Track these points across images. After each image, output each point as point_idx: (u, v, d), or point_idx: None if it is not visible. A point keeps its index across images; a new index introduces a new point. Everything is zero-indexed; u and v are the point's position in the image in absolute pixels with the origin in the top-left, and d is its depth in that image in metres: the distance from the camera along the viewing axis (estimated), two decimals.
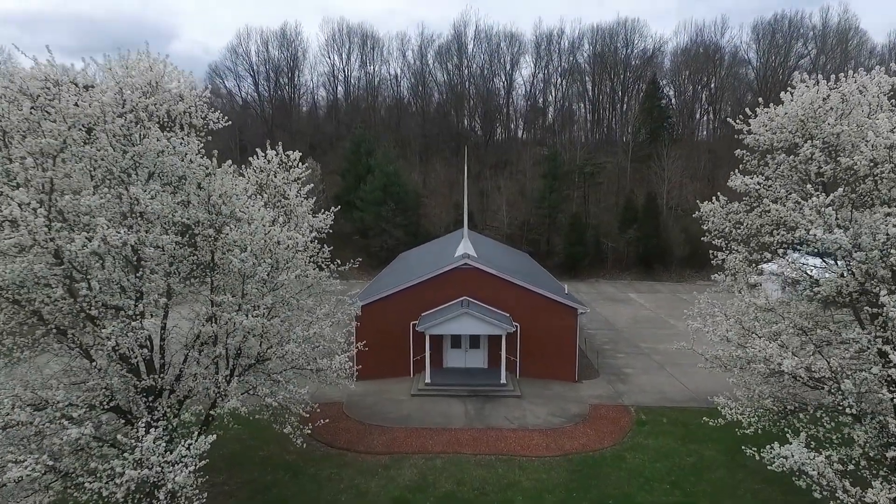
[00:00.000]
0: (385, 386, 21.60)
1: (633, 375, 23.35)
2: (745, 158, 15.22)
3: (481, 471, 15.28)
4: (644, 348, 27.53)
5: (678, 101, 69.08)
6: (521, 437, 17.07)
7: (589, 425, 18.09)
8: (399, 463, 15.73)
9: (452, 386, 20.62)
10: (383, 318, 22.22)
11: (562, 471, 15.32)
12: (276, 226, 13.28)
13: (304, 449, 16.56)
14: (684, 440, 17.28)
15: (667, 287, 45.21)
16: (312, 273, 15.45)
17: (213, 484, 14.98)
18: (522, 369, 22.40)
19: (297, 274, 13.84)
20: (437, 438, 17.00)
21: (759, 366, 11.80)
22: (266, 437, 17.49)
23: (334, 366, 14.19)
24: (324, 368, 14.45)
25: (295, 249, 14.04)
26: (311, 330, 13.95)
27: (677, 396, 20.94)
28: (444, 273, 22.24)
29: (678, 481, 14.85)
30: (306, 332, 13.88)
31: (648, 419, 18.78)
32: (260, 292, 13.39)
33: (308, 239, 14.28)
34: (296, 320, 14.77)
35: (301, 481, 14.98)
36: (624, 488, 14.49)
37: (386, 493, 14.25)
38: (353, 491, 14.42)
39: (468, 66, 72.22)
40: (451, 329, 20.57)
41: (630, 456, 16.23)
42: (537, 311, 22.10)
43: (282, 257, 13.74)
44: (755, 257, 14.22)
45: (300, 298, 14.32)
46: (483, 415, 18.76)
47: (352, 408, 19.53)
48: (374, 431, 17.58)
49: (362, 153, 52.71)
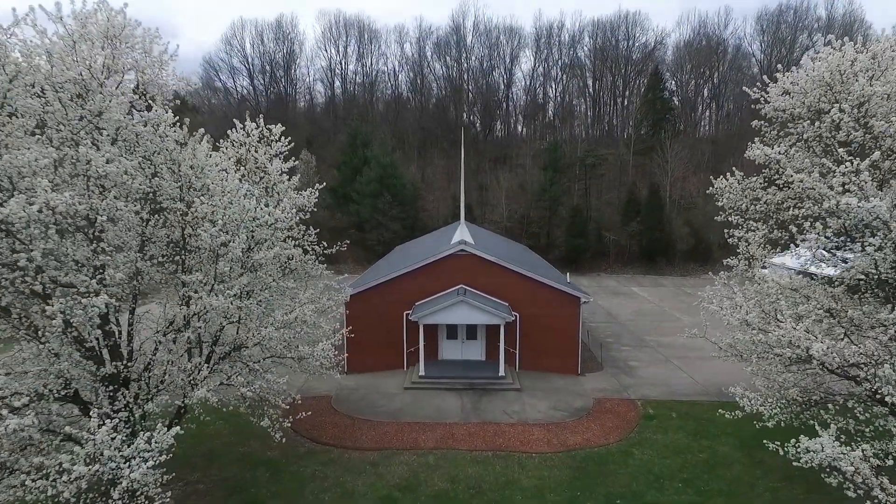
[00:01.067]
0: (377, 379, 20.43)
1: (638, 368, 22.20)
2: (763, 129, 14.09)
3: (477, 468, 14.13)
4: (649, 341, 26.38)
5: (681, 93, 67.86)
6: (521, 432, 15.91)
7: (593, 420, 16.93)
8: (388, 459, 14.57)
9: (448, 379, 19.46)
10: (375, 308, 21.06)
11: (564, 468, 14.16)
12: (253, 199, 12.12)
13: (286, 445, 15.43)
14: (695, 435, 16.12)
15: (670, 281, 44.05)
16: (297, 254, 14.31)
17: (185, 482, 13.86)
18: (522, 362, 21.23)
19: (276, 253, 12.68)
20: (430, 433, 15.84)
21: (785, 350, 10.62)
22: (247, 432, 16.36)
23: (317, 353, 13.05)
24: (306, 357, 13.31)
25: (274, 227, 12.89)
26: (292, 314, 12.79)
27: (686, 390, 19.79)
28: (440, 260, 21.07)
29: (691, 479, 13.70)
30: (286, 317, 12.72)
31: (656, 413, 17.63)
32: (234, 272, 12.25)
33: (289, 215, 13.11)
34: (276, 305, 13.65)
35: (282, 479, 13.82)
36: (632, 486, 13.33)
37: (373, 492, 13.09)
38: (338, 490, 13.26)
39: (467, 60, 71.01)
40: (446, 318, 19.40)
41: (638, 452, 15.07)
42: (538, 300, 20.93)
43: (259, 235, 12.60)
44: (775, 235, 13.06)
45: (280, 280, 13.15)
46: (480, 409, 17.59)
47: (340, 402, 18.37)
48: (363, 426, 16.41)
49: (358, 145, 51.54)
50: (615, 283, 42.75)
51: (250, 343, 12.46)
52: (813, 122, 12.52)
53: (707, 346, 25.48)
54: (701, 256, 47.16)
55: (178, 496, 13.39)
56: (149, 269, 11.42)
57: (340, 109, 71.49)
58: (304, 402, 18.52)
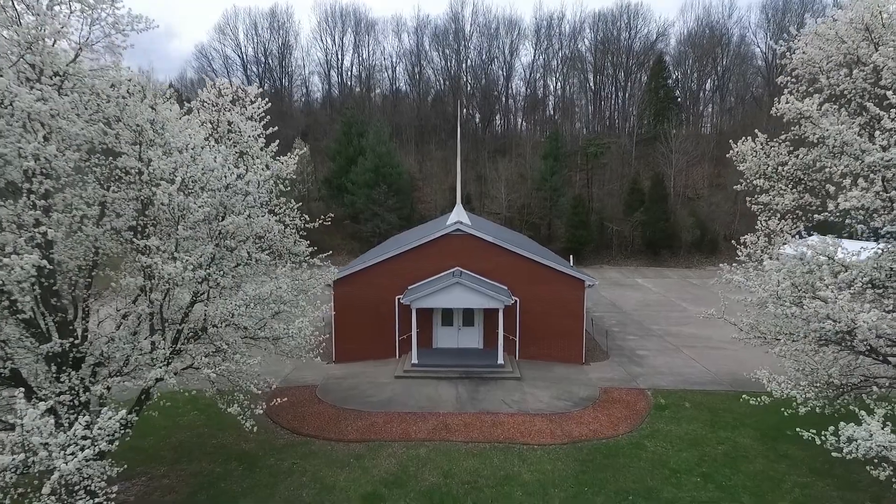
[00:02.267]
0: (367, 368, 19.05)
1: (647, 357, 20.82)
2: (790, 85, 12.71)
3: (473, 461, 12.75)
4: (656, 330, 25.01)
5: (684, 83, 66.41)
6: (522, 423, 14.53)
7: (600, 410, 15.55)
8: (375, 452, 13.20)
9: (442, 367, 18.07)
10: (365, 293, 19.68)
11: (570, 461, 12.79)
12: (219, 156, 10.74)
13: (264, 437, 14.11)
14: (712, 426, 14.75)
15: (675, 273, 42.67)
16: (275, 227, 12.95)
17: (150, 476, 12.50)
18: (522, 350, 19.85)
19: (248, 219, 11.29)
20: (421, 424, 14.46)
21: (825, 324, 9.24)
22: (223, 423, 15.00)
23: (292, 332, 11.67)
24: (281, 336, 11.94)
25: (245, 192, 11.51)
26: (265, 287, 11.41)
27: (699, 379, 18.41)
28: (434, 241, 19.69)
29: (710, 473, 12.31)
30: (258, 290, 11.35)
31: (668, 403, 16.26)
32: (198, 240, 10.88)
33: (261, 178, 11.73)
34: (249, 279, 12.29)
35: (257, 474, 12.44)
36: (646, 481, 11.95)
37: (356, 488, 11.71)
38: (317, 485, 11.88)
39: (465, 50, 69.58)
40: (440, 302, 18.00)
41: (650, 444, 13.70)
42: (539, 283, 19.55)
43: (229, 202, 11.23)
44: (805, 201, 11.67)
45: (252, 250, 11.76)
46: (477, 398, 16.21)
47: (326, 391, 16.98)
48: (349, 417, 15.03)
49: (353, 134, 50.13)
50: (618, 275, 41.36)
51: (218, 320, 11.07)
52: (850, 72, 11.14)
53: (718, 335, 24.24)
54: (706, 248, 45.83)
55: (140, 492, 12.03)
56: (105, 240, 10.06)
57: (337, 101, 70.10)
58: (288, 391, 17.18)
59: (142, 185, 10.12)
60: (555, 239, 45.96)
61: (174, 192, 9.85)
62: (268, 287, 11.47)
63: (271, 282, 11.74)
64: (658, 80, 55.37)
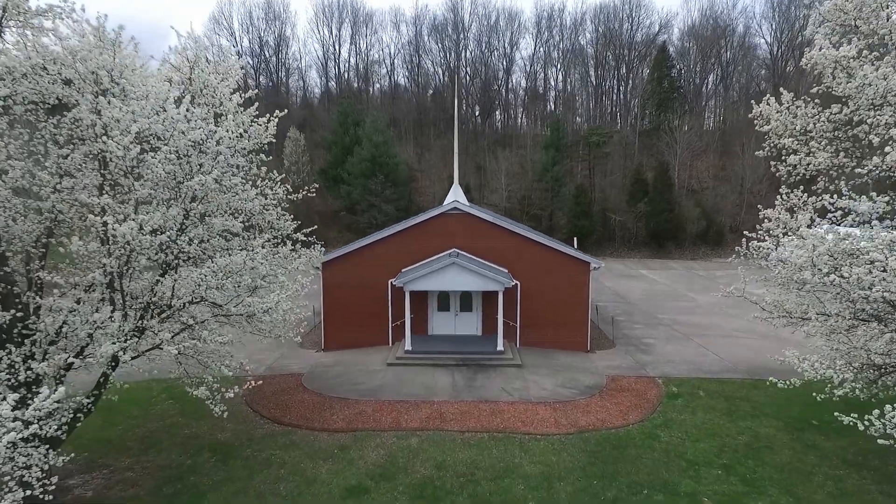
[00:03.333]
0: (358, 356, 17.85)
1: (655, 345, 19.63)
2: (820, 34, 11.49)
3: (469, 452, 11.55)
4: (664, 319, 23.82)
5: (687, 76, 65.16)
6: (523, 412, 13.33)
7: (608, 398, 14.36)
8: (362, 442, 12.01)
9: (438, 354, 16.86)
10: (356, 277, 18.49)
11: (576, 451, 11.59)
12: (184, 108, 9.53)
13: (242, 427, 12.95)
14: (730, 415, 13.55)
15: (680, 264, 41.46)
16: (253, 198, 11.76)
17: (112, 469, 11.30)
18: (523, 337, 18.65)
19: (217, 178, 10.07)
20: (414, 413, 13.27)
21: (872, 293, 8.05)
22: (199, 412, 13.80)
23: (267, 306, 10.47)
24: (256, 313, 10.73)
25: (215, 152, 10.29)
26: (237, 256, 10.20)
27: (713, 367, 17.22)
28: (430, 220, 18.50)
29: (732, 465, 11.11)
30: (230, 259, 10.14)
31: (681, 391, 15.07)
32: (162, 202, 9.69)
33: (235, 135, 10.53)
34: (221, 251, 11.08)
35: (231, 466, 11.24)
36: (662, 474, 10.75)
37: (339, 481, 10.52)
38: (297, 478, 10.68)
39: (464, 41, 68.35)
40: (436, 284, 16.79)
41: (664, 434, 12.50)
42: (542, 266, 18.35)
43: (196, 160, 10.02)
44: (841, 161, 10.46)
45: (222, 213, 10.55)
46: (474, 386, 15.01)
47: (312, 379, 15.79)
48: (335, 405, 13.84)
49: (350, 124, 48.91)
50: (622, 267, 40.15)
51: (183, 292, 9.87)
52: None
53: (729, 324, 23.05)
54: (712, 240, 44.64)
55: (99, 485, 10.83)
56: (58, 203, 8.89)
57: (335, 95, 68.86)
58: (272, 379, 16.02)
59: (96, 137, 8.94)
60: (556, 230, 44.74)
61: (130, 145, 8.69)
62: (240, 257, 10.26)
63: (242, 252, 10.52)
64: (661, 69, 54.10)
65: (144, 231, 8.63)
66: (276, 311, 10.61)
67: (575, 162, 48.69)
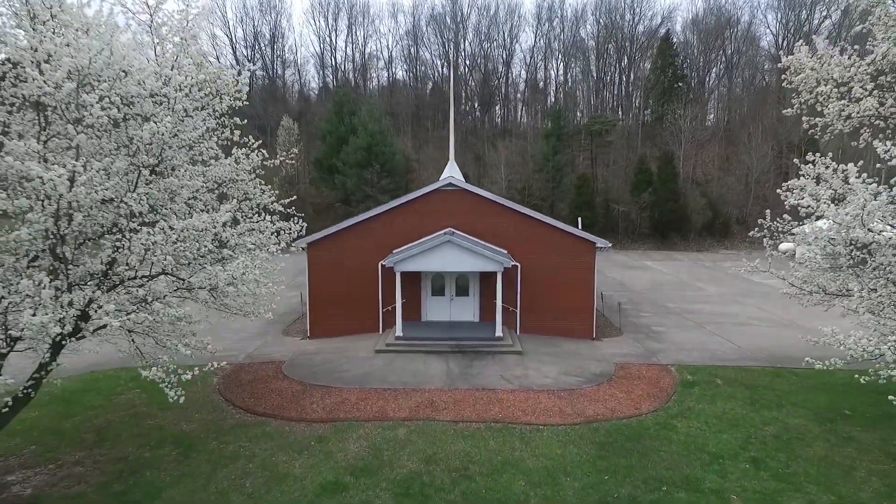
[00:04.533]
0: (345, 343, 16.54)
1: (665, 333, 18.32)
2: None
3: (463, 444, 10.24)
4: (673, 308, 22.50)
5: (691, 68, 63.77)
6: (524, 400, 12.02)
7: (617, 386, 13.05)
8: (343, 433, 10.69)
9: (431, 340, 15.55)
10: (344, 259, 17.18)
11: (584, 443, 10.28)
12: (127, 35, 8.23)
13: (210, 417, 11.67)
14: (752, 405, 12.24)
15: (686, 256, 40.12)
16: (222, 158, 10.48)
17: (59, 463, 9.98)
18: (524, 323, 17.33)
19: (173, 130, 8.76)
20: (402, 401, 11.95)
21: None
22: (168, 402, 12.47)
23: (232, 275, 9.15)
24: (219, 284, 9.40)
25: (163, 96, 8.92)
26: (196, 219, 8.86)
27: (729, 355, 15.91)
28: (423, 197, 17.19)
29: (762, 459, 9.79)
30: (186, 222, 8.81)
31: (697, 379, 13.75)
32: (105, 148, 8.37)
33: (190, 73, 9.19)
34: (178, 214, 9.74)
35: (193, 460, 9.93)
36: (682, 468, 9.44)
37: (314, 477, 9.20)
38: (266, 473, 9.37)
39: (463, 31, 67.01)
40: (429, 264, 15.46)
41: (681, 425, 11.18)
42: (544, 247, 17.05)
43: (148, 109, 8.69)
44: (888, 110, 9.15)
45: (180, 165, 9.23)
46: (470, 373, 13.70)
47: (294, 367, 14.47)
48: (316, 394, 12.52)
49: (345, 113, 47.57)
50: (625, 258, 38.81)
51: (134, 259, 8.54)
52: None
53: (744, 312, 21.72)
54: (718, 232, 43.32)
55: (42, 482, 9.51)
56: None
57: (331, 88, 67.42)
58: (250, 367, 14.71)
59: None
60: (558, 220, 43.36)
61: (61, 80, 7.38)
62: (201, 220, 8.92)
63: (207, 214, 9.19)
64: (665, 58, 52.71)
65: (78, 182, 7.32)
66: (243, 282, 9.28)
67: (576, 152, 47.34)
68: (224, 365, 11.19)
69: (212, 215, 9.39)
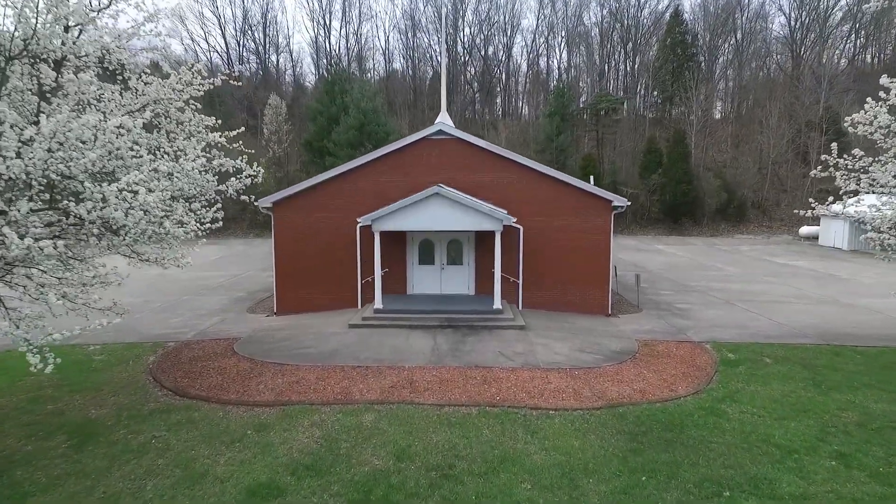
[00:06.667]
0: (315, 319, 14.02)
1: (691, 310, 15.77)
2: None
3: (448, 433, 7.71)
4: (694, 287, 19.94)
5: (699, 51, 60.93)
6: (528, 380, 9.48)
7: (644, 365, 10.51)
8: (292, 420, 8.17)
9: (416, 314, 13.01)
10: (316, 221, 14.68)
11: (609, 433, 7.74)
12: None
13: (129, 401, 9.20)
14: (818, 386, 9.70)
15: (699, 240, 37.50)
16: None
17: None
18: (526, 297, 14.81)
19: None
20: (373, 381, 9.43)
21: None
22: (85, 384, 10.08)
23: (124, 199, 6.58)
24: (111, 216, 6.81)
25: None
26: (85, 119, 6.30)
27: (772, 332, 13.37)
28: (408, 147, 14.66)
29: (851, 455, 7.24)
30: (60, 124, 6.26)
31: (741, 358, 11.21)
32: None
33: None
34: None
35: (87, 454, 7.41)
36: (746, 466, 6.90)
37: (241, 477, 6.68)
38: (178, 471, 6.85)
39: (462, 8, 64.30)
40: (414, 222, 12.93)
41: (732, 410, 8.64)
42: (551, 206, 14.51)
43: None
44: None
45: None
46: (462, 350, 11.16)
47: (249, 344, 11.96)
48: (267, 372, 10.00)
49: (336, 92, 44.96)
50: (635, 243, 36.21)
51: None
52: None
53: (776, 291, 19.13)
54: (733, 216, 40.69)
55: None
56: None
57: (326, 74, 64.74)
58: (197, 345, 12.21)
59: None
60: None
61: None
62: (81, 123, 6.35)
63: (92, 113, 6.64)
64: (674, 35, 50.03)
65: None
66: (140, 204, 6.68)
67: (582, 132, 44.69)
68: (111, 317, 8.55)
69: (103, 115, 6.89)
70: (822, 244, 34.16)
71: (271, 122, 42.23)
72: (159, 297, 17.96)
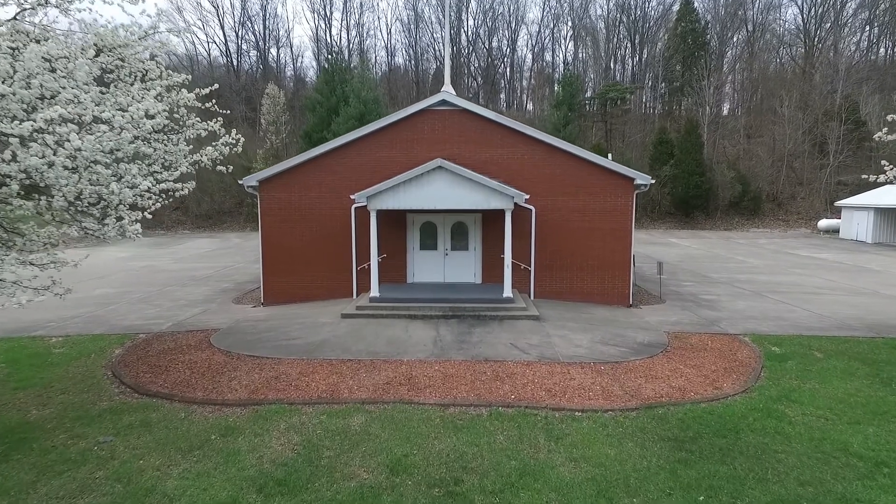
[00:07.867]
0: (305, 309, 12.67)
1: (719, 302, 14.35)
2: None
3: (455, 439, 6.34)
4: (717, 278, 18.51)
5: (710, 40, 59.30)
6: (547, 375, 8.10)
7: (679, 359, 9.11)
8: (266, 422, 6.81)
9: (417, 303, 11.63)
10: (307, 202, 13.35)
11: (650, 440, 6.35)
12: None
13: (80, 399, 7.86)
14: (889, 385, 8.29)
15: (713, 234, 36.01)
16: None
17: None
18: (539, 286, 13.42)
19: None
20: (365, 377, 8.06)
21: None
22: (35, 378, 8.75)
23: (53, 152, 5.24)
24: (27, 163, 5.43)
25: None
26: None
27: (815, 324, 11.94)
28: (408, 119, 13.31)
29: None
30: None
31: (787, 352, 9.80)
32: None
33: None
34: None
35: (12, 465, 6.07)
36: (827, 482, 5.50)
37: (197, 495, 5.33)
38: (119, 487, 5.51)
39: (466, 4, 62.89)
40: (414, 200, 11.55)
41: (794, 412, 7.24)
42: (566, 185, 13.14)
43: None
44: None
45: None
46: (469, 341, 9.78)
47: (228, 335, 10.62)
48: (242, 366, 8.65)
49: (336, 82, 43.65)
50: (647, 236, 34.74)
51: None
52: None
53: (808, 282, 17.65)
54: (747, 209, 39.15)
55: None
56: None
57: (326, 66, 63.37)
58: (170, 336, 10.88)
59: None
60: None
61: None
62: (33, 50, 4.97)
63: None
64: (685, 23, 48.45)
65: None
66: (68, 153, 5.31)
67: (589, 123, 43.22)
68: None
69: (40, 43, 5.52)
70: (843, 237, 32.67)
71: (269, 112, 40.94)
72: (141, 287, 16.66)
